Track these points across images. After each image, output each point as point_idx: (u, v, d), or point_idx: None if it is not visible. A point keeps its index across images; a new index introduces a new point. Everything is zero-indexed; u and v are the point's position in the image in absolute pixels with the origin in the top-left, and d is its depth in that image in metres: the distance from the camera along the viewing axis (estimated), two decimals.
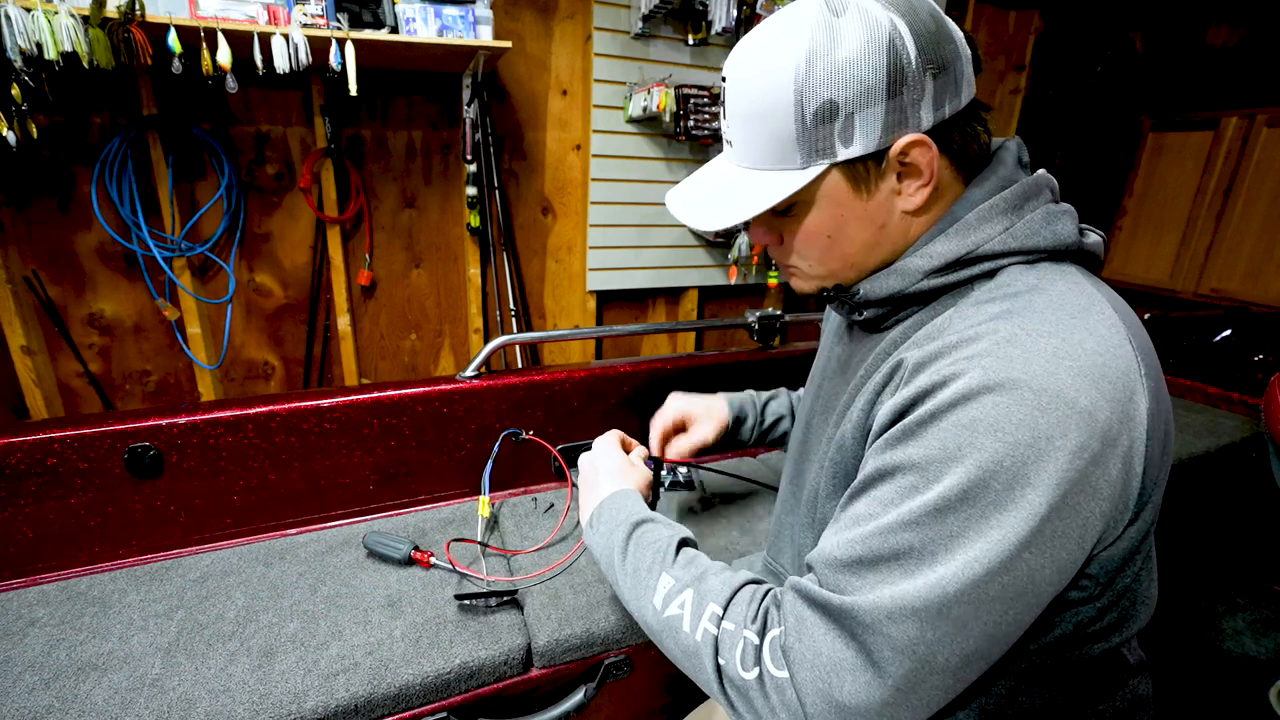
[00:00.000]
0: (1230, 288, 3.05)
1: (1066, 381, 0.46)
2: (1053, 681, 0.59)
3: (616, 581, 0.69)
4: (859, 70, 0.52)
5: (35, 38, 1.45)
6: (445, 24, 1.83)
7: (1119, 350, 0.49)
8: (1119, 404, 0.47)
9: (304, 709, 0.75)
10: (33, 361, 1.91)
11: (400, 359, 2.48)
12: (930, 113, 0.54)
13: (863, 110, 0.53)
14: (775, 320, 1.44)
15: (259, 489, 1.07)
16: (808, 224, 0.60)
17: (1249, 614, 1.32)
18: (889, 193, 0.57)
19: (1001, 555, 0.46)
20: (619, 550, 0.69)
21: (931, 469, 0.48)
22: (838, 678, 0.48)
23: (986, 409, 0.47)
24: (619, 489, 0.78)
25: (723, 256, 2.81)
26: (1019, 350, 0.48)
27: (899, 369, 0.56)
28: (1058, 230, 0.57)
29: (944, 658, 0.47)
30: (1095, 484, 0.47)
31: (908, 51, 0.52)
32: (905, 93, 0.52)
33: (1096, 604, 0.56)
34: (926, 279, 0.58)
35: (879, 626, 0.47)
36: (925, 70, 0.52)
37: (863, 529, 0.51)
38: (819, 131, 0.54)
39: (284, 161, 2.10)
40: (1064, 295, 0.52)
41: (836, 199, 0.58)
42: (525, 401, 1.21)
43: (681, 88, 2.37)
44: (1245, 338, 2.25)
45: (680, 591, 0.61)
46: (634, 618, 0.66)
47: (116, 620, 0.88)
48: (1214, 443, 1.49)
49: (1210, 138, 3.10)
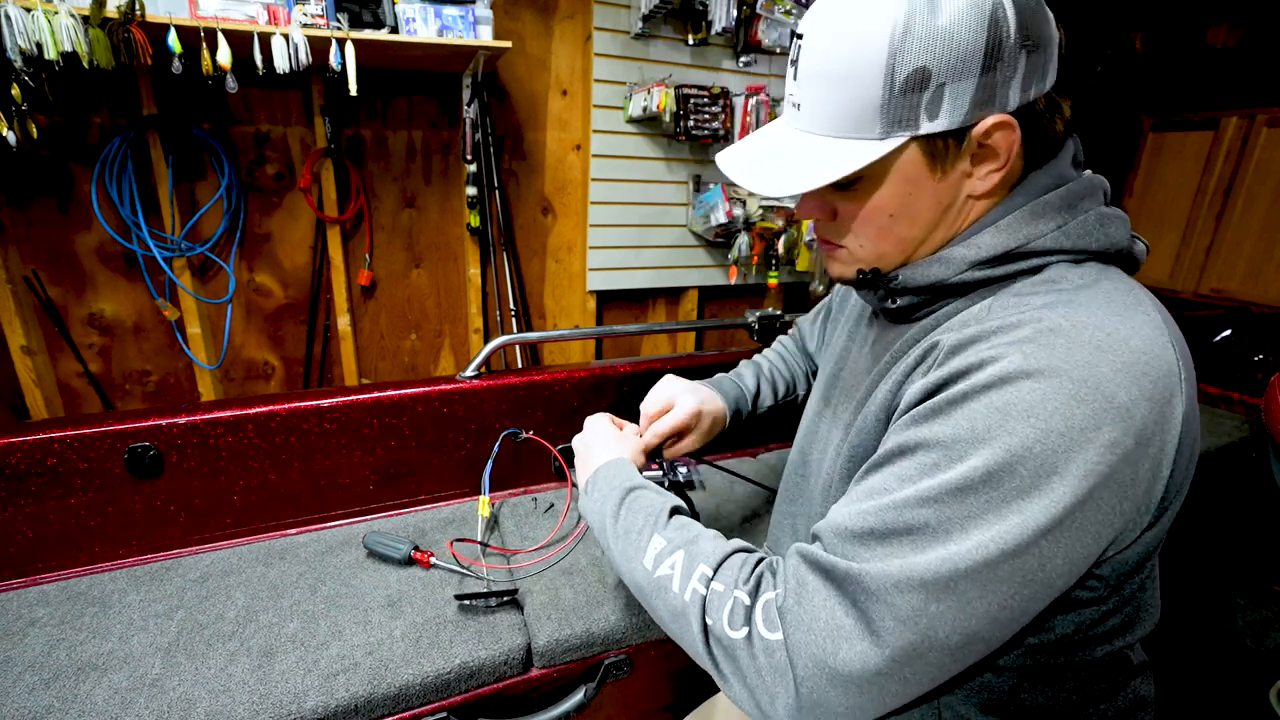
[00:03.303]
0: (1230, 288, 3.05)
1: (1107, 375, 0.45)
2: (1055, 680, 0.59)
3: (608, 545, 0.68)
4: (959, 39, 0.48)
5: (35, 38, 1.45)
6: (445, 24, 1.83)
7: (1163, 352, 0.48)
8: (1157, 404, 0.46)
9: (304, 709, 0.75)
10: (33, 361, 1.91)
11: (400, 359, 2.48)
12: (1018, 93, 0.51)
13: (955, 82, 0.49)
14: (775, 320, 1.44)
15: (259, 489, 1.07)
16: (873, 200, 0.56)
17: (1249, 614, 1.32)
18: (961, 174, 0.55)
19: (1018, 540, 0.45)
20: (610, 514, 0.69)
21: (957, 448, 0.47)
22: (833, 643, 0.47)
23: (1023, 394, 0.45)
24: (613, 457, 0.77)
25: (723, 256, 2.81)
26: (1062, 340, 0.47)
27: (933, 350, 0.55)
28: (1110, 233, 0.55)
29: (945, 634, 0.46)
30: (1122, 481, 0.46)
31: (1009, 24, 0.49)
32: (1000, 68, 0.49)
33: (1101, 607, 0.55)
34: (971, 270, 0.56)
35: (884, 595, 0.46)
36: (1022, 47, 0.49)
37: (877, 501, 0.50)
38: (906, 100, 0.51)
39: (284, 161, 2.10)
40: (1111, 293, 0.51)
41: (909, 176, 0.54)
42: (525, 401, 1.21)
43: (681, 88, 2.37)
44: (1245, 338, 2.25)
45: (671, 553, 0.60)
46: (624, 580, 0.66)
47: (116, 620, 0.88)
48: (1214, 443, 1.49)
49: (1210, 138, 3.10)
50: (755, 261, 2.79)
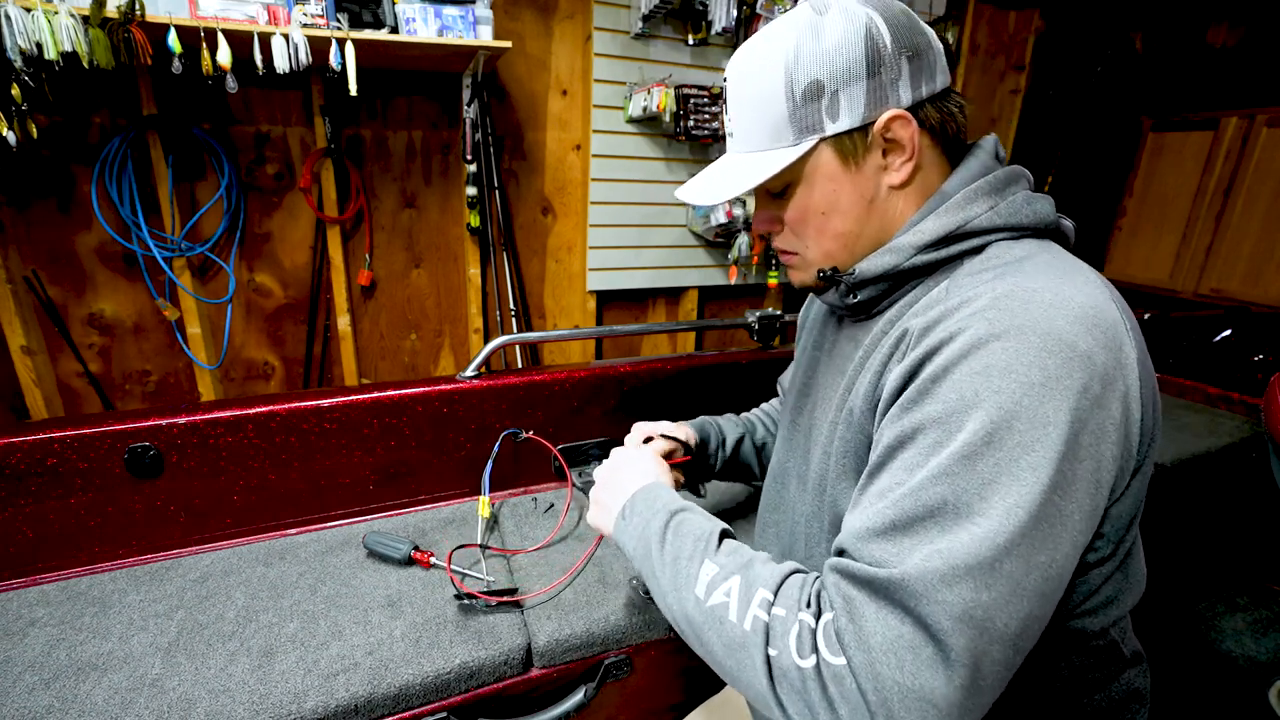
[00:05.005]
0: (1230, 288, 3.05)
1: (1064, 327, 0.49)
2: (1047, 670, 0.59)
3: (653, 571, 0.64)
4: (841, 53, 0.58)
5: (35, 38, 1.44)
6: (445, 24, 1.83)
7: (1105, 305, 0.53)
8: (1112, 351, 0.50)
9: (304, 709, 0.75)
10: (33, 361, 1.91)
11: (400, 359, 2.48)
12: (909, 92, 0.60)
13: (846, 88, 0.59)
14: (775, 320, 1.44)
15: (259, 489, 1.07)
16: (805, 202, 0.64)
17: (1249, 614, 1.32)
18: (876, 168, 0.62)
19: (1037, 498, 0.46)
20: (656, 539, 0.65)
21: (953, 420, 0.49)
22: (897, 657, 0.45)
23: (997, 354, 0.49)
24: (650, 482, 0.74)
25: (723, 256, 2.81)
26: (1018, 303, 0.51)
27: (904, 337, 0.58)
28: (1038, 209, 0.61)
29: (1003, 622, 0.45)
30: (1102, 425, 0.49)
31: (883, 37, 0.58)
32: (883, 72, 0.59)
33: (1102, 569, 0.57)
34: (919, 254, 0.61)
35: (932, 594, 0.45)
36: (900, 54, 0.59)
37: (893, 495, 0.50)
38: (808, 108, 0.60)
39: (284, 161, 2.10)
40: (1051, 262, 0.57)
41: (828, 174, 0.62)
42: (525, 401, 1.21)
43: (681, 88, 2.37)
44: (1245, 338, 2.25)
45: (726, 579, 0.57)
46: (669, 613, 0.61)
47: (116, 620, 0.88)
48: (1214, 443, 1.49)
49: (1210, 138, 3.10)
50: (755, 261, 2.79)
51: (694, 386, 1.35)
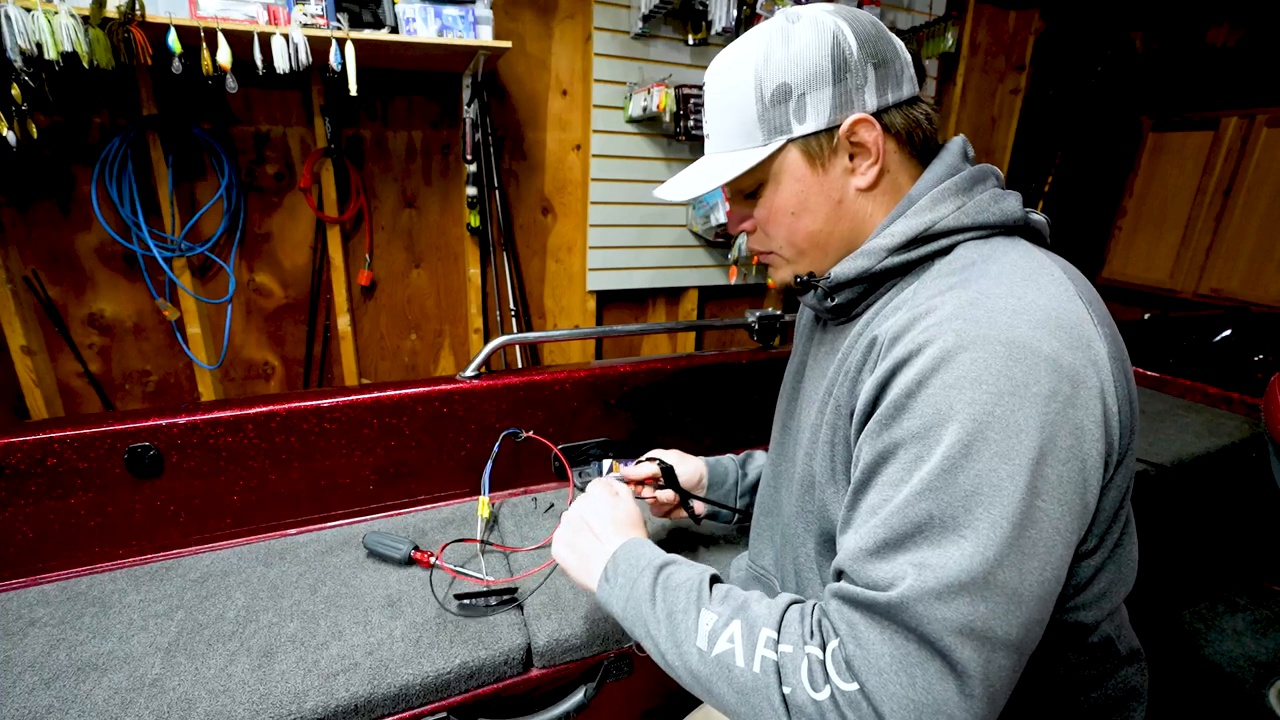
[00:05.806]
0: (1230, 288, 3.05)
1: (1027, 333, 0.50)
2: (1044, 664, 0.59)
3: (648, 632, 0.62)
4: (808, 58, 0.61)
5: (35, 38, 1.44)
6: (445, 24, 1.83)
7: (1068, 304, 0.54)
8: (1079, 350, 0.51)
9: (304, 709, 0.75)
10: (33, 361, 1.91)
11: (400, 359, 2.48)
12: (874, 98, 0.62)
13: (813, 91, 0.61)
14: (775, 320, 1.44)
15: (259, 489, 1.07)
16: (774, 201, 0.67)
17: (1249, 614, 1.32)
18: (843, 171, 0.64)
19: (1019, 506, 0.47)
20: (646, 597, 0.63)
21: (930, 435, 0.50)
22: (908, 674, 0.46)
23: (965, 366, 0.50)
24: (628, 538, 0.71)
25: (723, 256, 2.81)
26: (981, 311, 0.52)
27: (874, 345, 0.59)
28: (1004, 208, 0.62)
29: (1003, 630, 0.46)
30: (1079, 423, 0.50)
31: (850, 45, 0.61)
32: (849, 78, 0.61)
33: (1091, 560, 0.59)
34: (890, 256, 0.62)
35: (931, 612, 0.46)
36: (866, 62, 0.61)
37: (880, 514, 0.51)
38: (776, 110, 0.63)
39: (284, 161, 2.10)
40: (1015, 263, 0.57)
41: (797, 175, 0.65)
42: (525, 401, 1.21)
43: (681, 88, 2.37)
44: (1245, 338, 2.25)
45: (726, 625, 0.56)
46: (671, 671, 0.60)
47: (116, 620, 0.88)
48: (1214, 443, 1.49)
49: (1210, 138, 3.10)
50: (755, 261, 2.79)
51: (694, 386, 1.35)
